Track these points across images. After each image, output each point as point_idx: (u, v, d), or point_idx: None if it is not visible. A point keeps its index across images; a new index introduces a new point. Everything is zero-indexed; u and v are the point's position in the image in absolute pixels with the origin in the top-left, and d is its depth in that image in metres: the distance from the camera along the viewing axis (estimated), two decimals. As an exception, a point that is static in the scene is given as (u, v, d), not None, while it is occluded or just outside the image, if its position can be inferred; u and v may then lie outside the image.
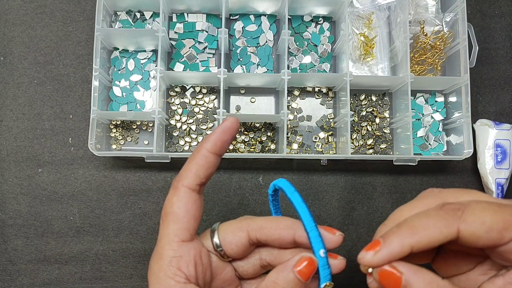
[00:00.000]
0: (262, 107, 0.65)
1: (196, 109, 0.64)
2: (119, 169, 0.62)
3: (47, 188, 0.62)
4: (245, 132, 0.64)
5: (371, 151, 0.64)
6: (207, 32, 0.65)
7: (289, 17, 0.64)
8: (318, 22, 0.66)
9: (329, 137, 0.65)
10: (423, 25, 0.64)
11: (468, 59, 0.60)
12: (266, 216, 0.34)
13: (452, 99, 0.64)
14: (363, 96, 0.65)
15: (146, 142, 0.64)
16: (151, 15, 0.65)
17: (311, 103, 0.66)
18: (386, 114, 0.65)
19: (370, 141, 0.64)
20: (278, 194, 0.35)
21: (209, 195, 0.62)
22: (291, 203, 0.31)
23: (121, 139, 0.63)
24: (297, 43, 0.65)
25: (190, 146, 0.63)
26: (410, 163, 0.60)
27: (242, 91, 0.65)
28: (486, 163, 0.62)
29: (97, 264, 0.61)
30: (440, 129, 0.65)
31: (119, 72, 0.64)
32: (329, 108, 0.66)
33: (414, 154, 0.59)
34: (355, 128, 0.65)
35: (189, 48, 0.65)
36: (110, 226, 0.61)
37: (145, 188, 0.62)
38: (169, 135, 0.64)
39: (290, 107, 0.65)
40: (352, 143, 0.64)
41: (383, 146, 0.64)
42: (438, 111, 0.65)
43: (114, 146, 0.63)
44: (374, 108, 0.65)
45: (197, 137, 0.64)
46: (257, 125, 0.64)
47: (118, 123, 0.63)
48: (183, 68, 0.64)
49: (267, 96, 0.65)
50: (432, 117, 0.65)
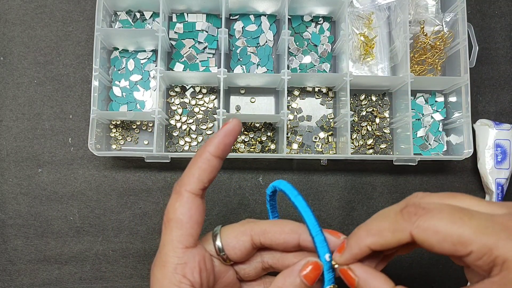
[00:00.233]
0: (262, 107, 0.65)
1: (196, 109, 0.64)
2: (119, 169, 0.62)
3: (47, 188, 0.62)
4: (245, 132, 0.64)
5: (371, 151, 0.64)
6: (207, 32, 0.65)
7: (289, 17, 0.64)
8: (318, 22, 0.66)
9: (329, 137, 0.65)
10: (423, 25, 0.64)
11: (468, 59, 0.60)
12: (269, 220, 0.33)
13: (452, 99, 0.64)
14: (363, 96, 0.65)
15: (146, 142, 0.64)
16: (151, 15, 0.65)
17: (311, 103, 0.66)
18: (386, 114, 0.65)
19: (370, 141, 0.64)
20: (276, 194, 0.35)
21: (209, 195, 0.62)
22: (295, 207, 0.31)
23: (121, 139, 0.63)
24: (297, 43, 0.65)
25: (190, 146, 0.63)
26: (410, 163, 0.60)
27: (242, 91, 0.65)
28: (486, 163, 0.62)
29: (97, 264, 0.61)
30: (440, 129, 0.65)
31: (119, 72, 0.64)
32: (329, 108, 0.66)
33: (414, 154, 0.59)
34: (355, 128, 0.65)
35: (189, 48, 0.65)
36: (110, 226, 0.61)
37: (145, 188, 0.62)
38: (169, 135, 0.64)
39: (290, 107, 0.65)
40: (352, 143, 0.64)
41: (383, 146, 0.64)
42: (438, 111, 0.65)
43: (114, 146, 0.63)
44: (374, 108, 0.65)
45: (197, 137, 0.64)
46: (257, 125, 0.64)
47: (118, 123, 0.63)
48: (183, 68, 0.64)
49: (267, 96, 0.65)
50: (432, 117, 0.65)
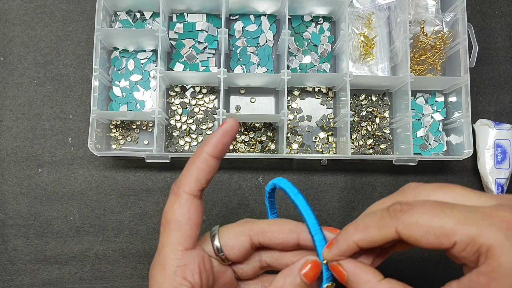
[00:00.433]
0: (262, 107, 0.65)
1: (196, 109, 0.64)
2: (119, 169, 0.62)
3: (47, 188, 0.62)
4: (245, 132, 0.64)
5: (371, 151, 0.64)
6: (207, 32, 0.65)
7: (289, 17, 0.64)
8: (318, 22, 0.66)
9: (329, 137, 0.65)
10: (423, 25, 0.64)
11: (468, 59, 0.60)
12: (268, 219, 0.33)
13: (452, 99, 0.64)
14: (363, 96, 0.65)
15: (146, 142, 0.64)
16: (151, 15, 0.65)
17: (311, 103, 0.66)
18: (386, 114, 0.65)
19: (370, 141, 0.64)
20: (275, 192, 0.35)
21: (209, 195, 0.62)
22: (295, 205, 0.31)
23: (121, 139, 0.63)
24: (297, 43, 0.65)
25: (190, 146, 0.63)
26: (410, 163, 0.60)
27: (242, 91, 0.65)
28: (486, 163, 0.62)
29: (97, 264, 0.61)
30: (440, 129, 0.65)
31: (119, 72, 0.64)
32: (329, 108, 0.66)
33: (414, 154, 0.59)
34: (355, 128, 0.65)
35: (189, 48, 0.65)
36: (110, 226, 0.61)
37: (145, 188, 0.62)
38: (169, 135, 0.64)
39: (290, 107, 0.65)
40: (352, 143, 0.64)
41: (383, 146, 0.64)
42: (438, 111, 0.65)
43: (114, 146, 0.63)
44: (374, 108, 0.65)
45: (197, 137, 0.64)
46: (257, 125, 0.64)
47: (118, 123, 0.63)
48: (183, 68, 0.64)
49: (267, 96, 0.65)
50: (432, 117, 0.65)
